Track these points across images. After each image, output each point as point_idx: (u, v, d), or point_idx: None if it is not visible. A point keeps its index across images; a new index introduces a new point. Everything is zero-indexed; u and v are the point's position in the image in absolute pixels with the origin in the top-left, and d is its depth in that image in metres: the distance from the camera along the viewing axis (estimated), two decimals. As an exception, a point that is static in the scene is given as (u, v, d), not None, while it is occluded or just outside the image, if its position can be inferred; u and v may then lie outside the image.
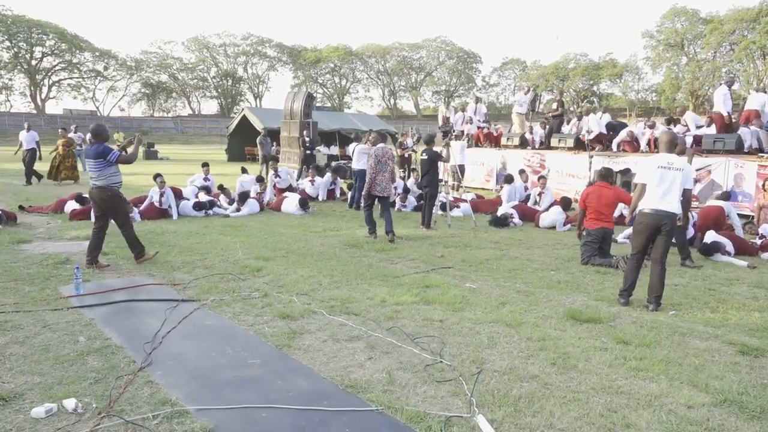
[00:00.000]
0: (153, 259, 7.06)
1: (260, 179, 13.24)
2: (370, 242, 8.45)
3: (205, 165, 13.60)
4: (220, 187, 12.63)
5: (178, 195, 11.48)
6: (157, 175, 10.83)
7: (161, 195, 10.65)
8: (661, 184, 5.43)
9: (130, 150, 7.10)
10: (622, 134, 14.01)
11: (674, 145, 5.69)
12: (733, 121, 12.96)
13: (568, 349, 4.29)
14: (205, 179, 13.22)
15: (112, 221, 6.91)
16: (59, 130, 17.80)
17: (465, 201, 12.29)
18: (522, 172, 13.38)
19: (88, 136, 21.01)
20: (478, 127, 18.36)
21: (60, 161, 16.61)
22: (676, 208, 5.43)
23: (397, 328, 4.70)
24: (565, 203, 10.46)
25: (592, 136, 14.60)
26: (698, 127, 13.45)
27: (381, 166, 8.71)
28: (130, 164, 7.05)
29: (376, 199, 8.89)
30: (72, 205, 10.73)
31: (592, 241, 7.43)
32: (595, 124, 14.70)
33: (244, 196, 11.52)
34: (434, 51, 79.86)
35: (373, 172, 8.71)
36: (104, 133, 6.83)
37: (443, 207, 10.82)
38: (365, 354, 4.17)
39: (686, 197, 5.57)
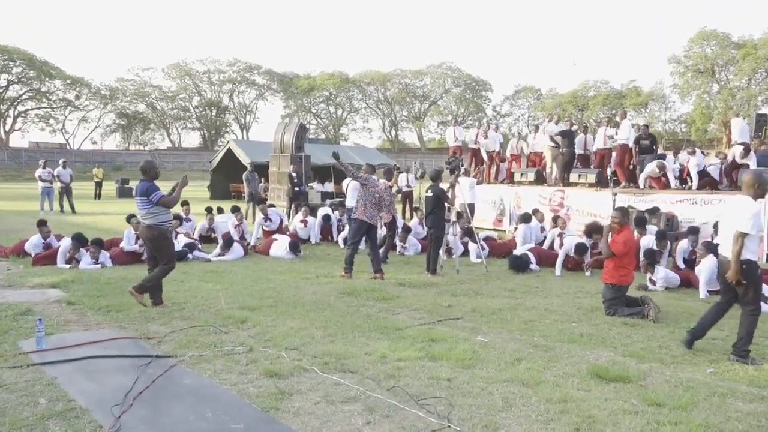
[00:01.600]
0: (124, 310, 7.04)
1: (235, 209, 13.48)
2: (369, 290, 8.44)
3: (185, 203, 13.70)
4: (208, 210, 13.42)
5: None
6: (131, 216, 10.91)
7: (137, 238, 10.68)
8: (722, 229, 5.88)
9: (176, 193, 7.43)
10: (651, 166, 14.03)
11: (751, 186, 5.63)
12: None
13: (593, 412, 4.24)
14: (186, 219, 13.31)
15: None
16: None
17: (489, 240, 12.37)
18: (536, 211, 13.42)
19: (57, 171, 21.14)
20: (490, 152, 18.46)
21: None
22: (729, 251, 5.65)
23: (399, 387, 4.66)
24: (590, 229, 10.28)
25: (618, 143, 14.59)
26: (741, 145, 13.47)
27: (371, 198, 9.64)
28: (170, 208, 7.34)
29: (365, 235, 9.72)
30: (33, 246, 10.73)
31: (622, 296, 7.41)
32: (627, 129, 14.68)
33: (229, 242, 11.58)
34: (439, 78, 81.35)
35: (366, 202, 9.59)
36: (152, 170, 7.28)
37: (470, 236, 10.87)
38: (363, 418, 4.12)
39: (735, 238, 5.49)
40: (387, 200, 11.38)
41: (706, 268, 8.67)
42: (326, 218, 14.29)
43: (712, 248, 8.84)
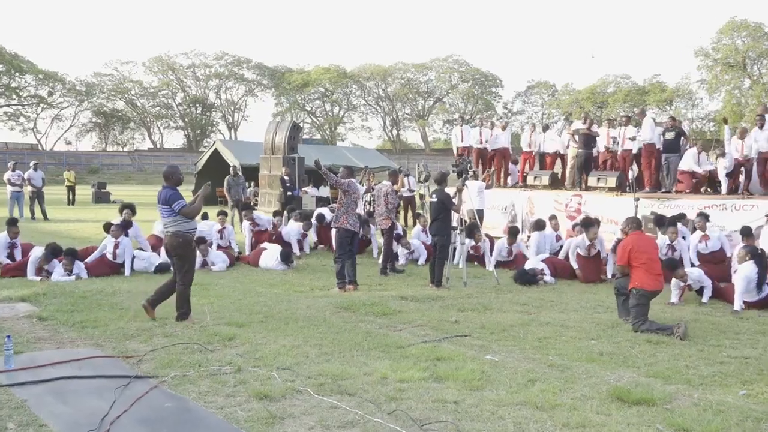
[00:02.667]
0: (100, 326, 7.05)
1: (222, 212, 13.45)
2: (368, 304, 8.44)
3: None
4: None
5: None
6: (124, 222, 11.06)
7: (116, 246, 10.67)
8: None
9: (197, 202, 7.71)
10: (688, 159, 13.97)
11: None
12: None
13: (614, 438, 4.23)
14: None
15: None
16: None
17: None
18: (553, 218, 13.42)
19: (28, 173, 21.09)
20: (501, 149, 18.45)
21: None
22: None
23: (401, 411, 4.66)
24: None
25: (638, 144, 14.61)
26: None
27: (353, 204, 9.79)
28: (193, 218, 7.53)
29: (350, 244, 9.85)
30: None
31: (646, 303, 7.42)
32: (649, 128, 14.68)
33: (200, 240, 11.60)
34: (445, 72, 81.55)
35: (347, 209, 9.71)
36: (175, 175, 7.57)
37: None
38: (362, 444, 4.12)
39: None
40: (391, 203, 11.40)
41: (743, 276, 8.55)
42: (320, 218, 14.26)
43: (755, 253, 8.75)
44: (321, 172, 9.72)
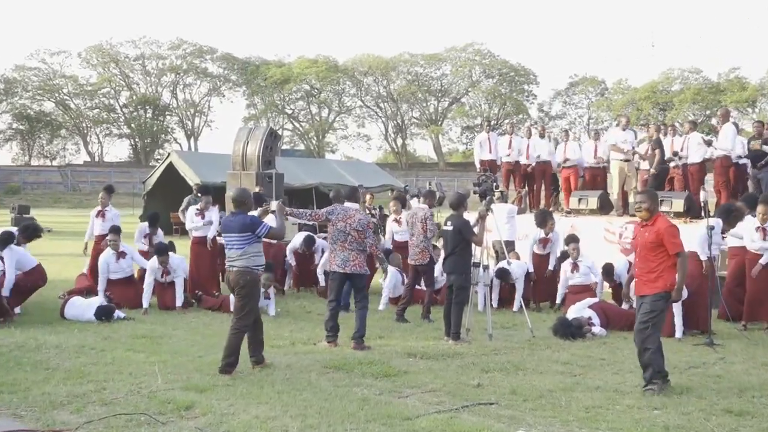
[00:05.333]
0: (20, 391, 7.02)
1: (162, 249, 12.76)
2: (366, 362, 8.43)
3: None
4: (160, 248, 12.56)
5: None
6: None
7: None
8: None
9: (275, 222, 8.52)
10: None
11: None
12: None
13: None
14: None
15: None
16: None
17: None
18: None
19: None
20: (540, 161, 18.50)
21: None
22: None
23: (408, 502, 4.64)
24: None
25: (717, 154, 14.60)
26: None
27: (341, 235, 9.60)
28: (280, 238, 8.30)
29: (345, 284, 9.90)
30: None
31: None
32: (731, 136, 14.58)
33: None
34: (464, 66, 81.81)
35: (335, 244, 9.66)
36: (249, 200, 8.37)
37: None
38: None
39: None
40: (431, 230, 11.32)
41: None
42: (309, 241, 14.06)
43: None
44: (288, 214, 9.59)
